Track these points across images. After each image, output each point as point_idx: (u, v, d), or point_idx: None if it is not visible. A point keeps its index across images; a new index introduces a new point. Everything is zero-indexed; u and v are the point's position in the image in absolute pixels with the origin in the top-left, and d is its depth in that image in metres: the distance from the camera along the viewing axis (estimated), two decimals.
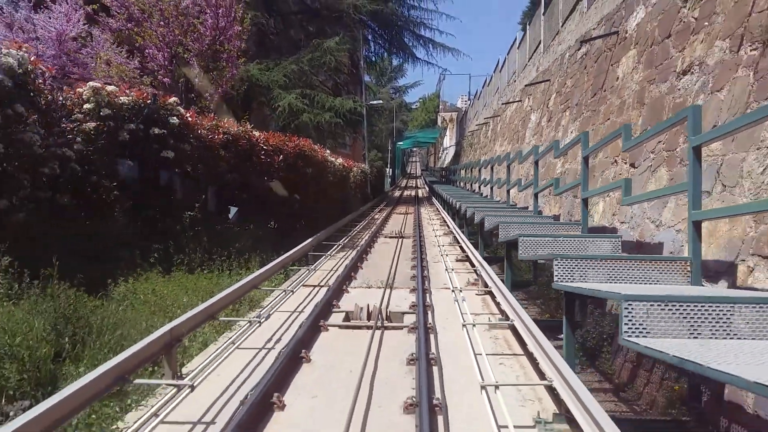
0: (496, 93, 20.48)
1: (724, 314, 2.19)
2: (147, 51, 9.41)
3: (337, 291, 6.24)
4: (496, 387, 3.42)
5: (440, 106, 59.93)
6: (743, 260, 3.57)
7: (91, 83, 6.41)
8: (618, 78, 6.90)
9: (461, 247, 9.42)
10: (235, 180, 8.47)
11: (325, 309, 5.37)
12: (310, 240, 9.19)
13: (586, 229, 5.59)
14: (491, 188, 13.07)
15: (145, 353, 3.52)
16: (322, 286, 6.70)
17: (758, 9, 4.05)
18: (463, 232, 10.76)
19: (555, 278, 3.54)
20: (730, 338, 2.19)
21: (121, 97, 6.53)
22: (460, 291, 6.24)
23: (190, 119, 7.40)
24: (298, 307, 5.75)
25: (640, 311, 2.28)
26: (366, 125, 29.94)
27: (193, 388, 3.44)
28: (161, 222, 6.96)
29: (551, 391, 3.36)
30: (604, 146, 5.52)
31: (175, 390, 3.46)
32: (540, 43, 12.60)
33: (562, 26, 10.74)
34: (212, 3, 10.15)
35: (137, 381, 3.46)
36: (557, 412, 3.13)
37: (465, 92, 48.53)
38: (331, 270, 7.79)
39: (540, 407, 3.24)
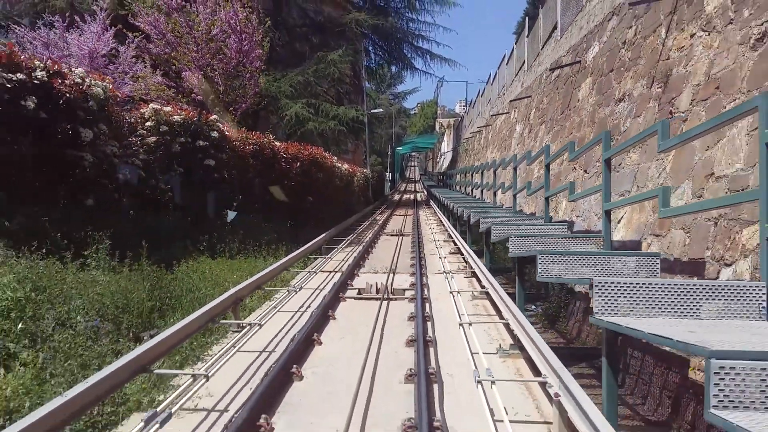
0: (488, 104, 22.10)
1: (602, 262, 3.69)
2: (183, 74, 10.94)
3: (350, 274, 7.71)
4: (470, 324, 4.95)
5: (438, 112, 61.57)
6: (645, 238, 5.08)
7: (152, 105, 7.94)
8: (578, 100, 8.44)
9: (454, 242, 10.91)
10: (261, 184, 10.00)
11: (342, 286, 6.86)
12: (323, 236, 10.72)
13: (547, 221, 7.10)
14: (482, 191, 14.62)
15: (222, 306, 5.08)
16: (337, 272, 8.19)
17: (663, 58, 5.57)
18: (456, 229, 12.26)
19: (510, 251, 5.04)
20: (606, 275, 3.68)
21: (174, 116, 8.06)
22: (451, 273, 7.73)
23: (227, 133, 8.93)
24: (320, 285, 7.24)
25: (548, 261, 3.77)
26: (367, 132, 31.44)
27: (261, 326, 4.98)
28: (205, 218, 8.48)
29: (510, 331, 4.84)
30: (559, 156, 7.04)
31: (246, 329, 4.98)
32: (524, 62, 14.17)
33: (541, 49, 12.31)
34: (237, 29, 11.68)
35: (222, 321, 5.01)
36: (512, 343, 4.62)
37: (463, 97, 50.20)
38: (343, 260, 9.28)
39: (502, 342, 4.73)
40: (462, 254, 9.42)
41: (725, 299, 2.74)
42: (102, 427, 3.13)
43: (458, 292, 6.35)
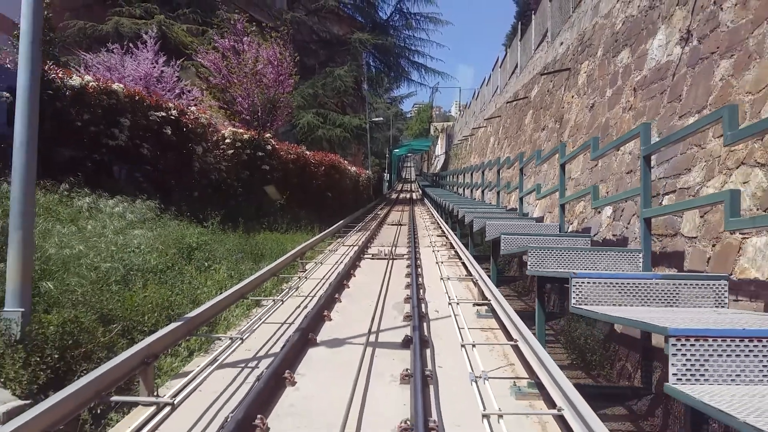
0: (472, 116, 25.84)
1: (514, 222, 7.27)
2: (237, 100, 14.51)
3: (364, 247, 11.27)
4: (443, 263, 8.59)
5: (434, 114, 65.25)
6: (544, 214, 8.71)
7: (230, 128, 11.55)
8: (525, 124, 12.06)
9: (441, 228, 14.53)
10: (297, 183, 13.63)
11: (361, 252, 10.41)
12: (340, 222, 14.33)
13: (499, 207, 10.75)
14: (464, 189, 18.29)
15: (296, 254, 8.68)
16: (354, 246, 11.74)
17: (561, 107, 9.21)
18: (444, 219, 15.87)
19: (465, 221, 8.57)
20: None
21: (244, 135, 11.66)
22: (436, 246, 11.34)
23: (277, 146, 12.55)
24: (346, 251, 10.82)
25: (479, 222, 7.34)
26: (368, 137, 35.00)
27: (323, 262, 8.62)
28: (262, 206, 12.13)
29: (466, 268, 8.45)
30: (504, 165, 10.71)
31: (310, 268, 8.58)
32: (497, 88, 17.85)
33: (509, 79, 15.97)
34: (274, 64, 15.27)
35: (300, 261, 8.61)
36: (467, 274, 8.24)
37: (457, 98, 53.84)
38: (357, 239, 12.83)
39: (461, 274, 8.33)
40: (446, 236, 13.04)
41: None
42: (257, 298, 6.66)
43: (438, 251, 10.00)
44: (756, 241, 3.60)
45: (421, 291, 7.02)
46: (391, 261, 9.70)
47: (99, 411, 3.63)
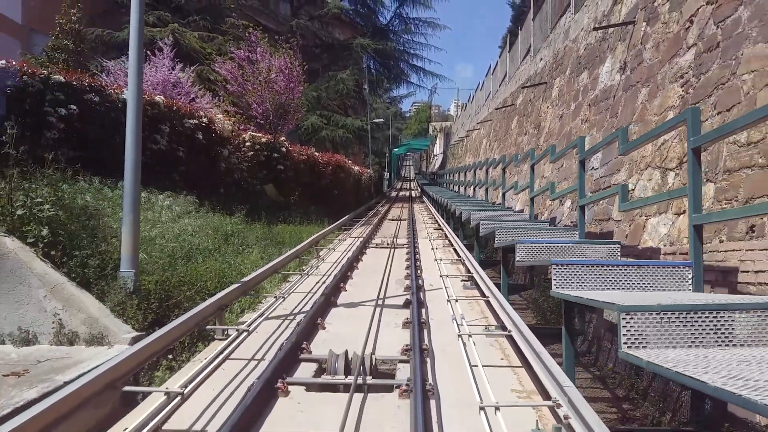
0: (468, 118, 27.38)
1: (494, 211, 8.79)
2: (252, 106, 16.00)
3: (369, 238, 12.81)
4: (437, 249, 10.14)
5: (432, 113, 66.77)
6: (524, 207, 10.22)
7: (250, 132, 13.05)
8: (511, 129, 13.57)
9: (438, 222, 16.07)
10: (308, 181, 15.15)
11: (366, 242, 11.95)
12: (345, 218, 15.86)
13: (486, 202, 12.28)
14: (459, 187, 19.84)
15: (311, 242, 10.24)
16: (360, 237, 13.28)
17: (538, 115, 10.72)
18: (440, 214, 17.39)
19: (456, 213, 10.06)
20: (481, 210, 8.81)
21: (262, 138, 13.17)
22: (432, 237, 12.88)
23: (290, 148, 14.06)
24: (353, 241, 12.35)
25: (465, 213, 8.85)
26: (369, 138, 36.47)
27: (334, 249, 10.17)
28: (276, 202, 13.65)
29: (456, 253, 9.99)
30: (491, 165, 12.24)
31: (323, 254, 10.13)
32: (489, 93, 19.37)
33: (499, 86, 17.49)
34: (285, 72, 16.75)
35: (314, 248, 10.16)
36: (457, 258, 9.78)
37: (456, 97, 55.26)
38: (362, 232, 14.36)
39: (453, 258, 9.88)
40: (442, 229, 14.58)
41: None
42: (285, 273, 8.18)
43: (434, 241, 11.54)
44: (653, 220, 5.13)
45: (419, 270, 8.48)
46: (392, 249, 11.16)
47: (186, 344, 5.15)
